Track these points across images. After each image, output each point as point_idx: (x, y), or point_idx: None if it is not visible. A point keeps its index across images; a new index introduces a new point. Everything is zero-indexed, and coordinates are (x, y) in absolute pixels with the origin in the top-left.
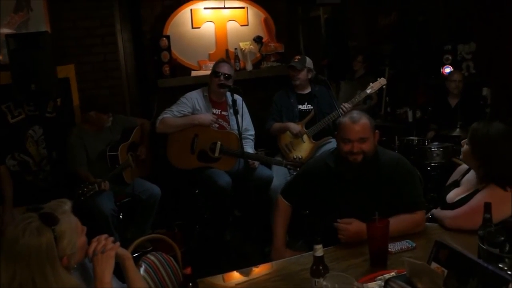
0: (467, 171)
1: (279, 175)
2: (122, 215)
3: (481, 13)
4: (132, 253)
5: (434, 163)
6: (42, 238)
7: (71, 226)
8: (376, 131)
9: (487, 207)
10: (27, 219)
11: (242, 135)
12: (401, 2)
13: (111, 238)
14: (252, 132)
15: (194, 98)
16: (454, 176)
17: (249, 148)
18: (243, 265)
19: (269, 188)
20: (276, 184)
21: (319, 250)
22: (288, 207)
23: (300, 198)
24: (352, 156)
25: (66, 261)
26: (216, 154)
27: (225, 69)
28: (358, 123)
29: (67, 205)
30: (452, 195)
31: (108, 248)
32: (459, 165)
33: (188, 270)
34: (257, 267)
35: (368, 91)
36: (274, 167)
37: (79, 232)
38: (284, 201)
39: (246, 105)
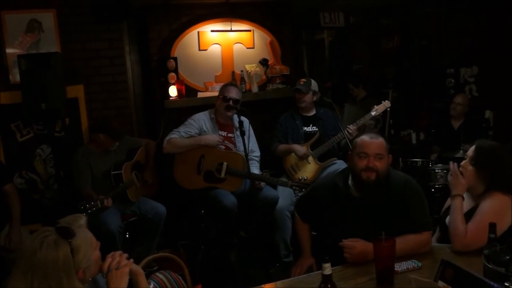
0: None
1: (284, 196)
2: (128, 234)
3: (483, 37)
4: None
5: (438, 184)
6: (59, 251)
7: (86, 240)
8: (390, 155)
9: (492, 227)
10: (44, 232)
11: (248, 156)
12: (404, 26)
13: (125, 255)
14: (258, 153)
15: (202, 120)
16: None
17: (255, 169)
18: (248, 286)
19: (274, 209)
20: (282, 205)
21: (327, 269)
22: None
23: (310, 215)
24: (366, 173)
25: (82, 274)
26: (222, 175)
27: (233, 93)
28: (377, 140)
29: (83, 219)
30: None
31: (122, 264)
32: None
33: None
34: (263, 286)
35: (373, 113)
36: (280, 188)
37: (93, 246)
38: (298, 217)
39: (252, 127)
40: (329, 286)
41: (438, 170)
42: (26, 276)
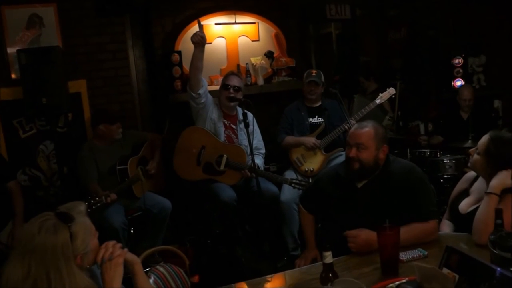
0: (475, 179)
1: (291, 189)
2: (133, 230)
3: (491, 26)
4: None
5: (447, 175)
6: (58, 236)
7: (85, 226)
8: (385, 145)
9: (498, 213)
10: (43, 217)
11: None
12: (411, 17)
13: (119, 245)
14: (263, 150)
15: (211, 104)
16: (461, 184)
17: (258, 161)
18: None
19: (274, 203)
20: (288, 198)
21: (328, 257)
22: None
23: (315, 206)
24: (350, 163)
25: (80, 260)
26: (222, 167)
27: (234, 81)
28: (361, 129)
29: (82, 206)
30: (464, 205)
31: (115, 254)
32: None
33: (195, 279)
34: (270, 277)
35: (378, 101)
36: None
37: (92, 233)
38: (303, 209)
39: (257, 121)
40: (330, 275)
41: (447, 160)
42: (24, 260)
